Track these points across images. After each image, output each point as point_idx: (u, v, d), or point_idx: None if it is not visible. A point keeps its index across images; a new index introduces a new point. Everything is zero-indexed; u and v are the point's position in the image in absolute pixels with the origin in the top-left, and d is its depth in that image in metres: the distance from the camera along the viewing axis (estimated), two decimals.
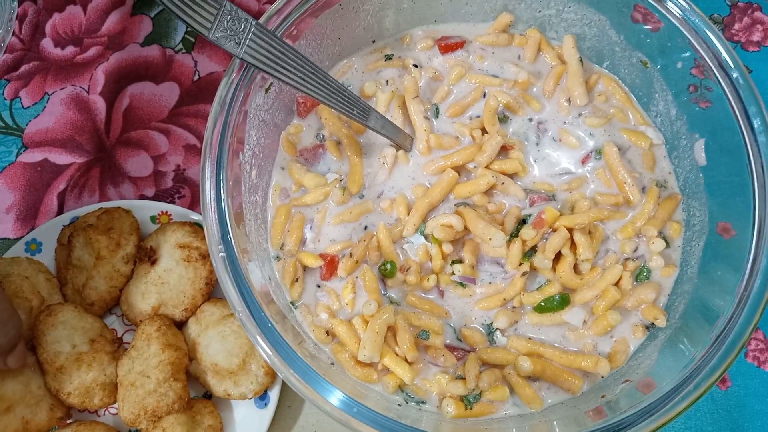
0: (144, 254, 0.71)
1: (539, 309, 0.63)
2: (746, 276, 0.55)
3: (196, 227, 0.72)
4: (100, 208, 0.73)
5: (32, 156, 0.84)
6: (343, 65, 0.72)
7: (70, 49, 0.88)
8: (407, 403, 0.60)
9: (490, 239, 0.61)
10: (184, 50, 0.87)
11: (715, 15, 0.85)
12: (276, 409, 0.68)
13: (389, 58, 0.72)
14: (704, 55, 0.60)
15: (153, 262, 0.71)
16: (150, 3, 0.90)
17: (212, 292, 0.72)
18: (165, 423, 0.64)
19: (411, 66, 0.71)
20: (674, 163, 0.67)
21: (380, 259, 0.65)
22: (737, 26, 0.85)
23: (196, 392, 0.71)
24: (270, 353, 0.53)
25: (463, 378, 0.60)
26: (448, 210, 0.65)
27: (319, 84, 0.59)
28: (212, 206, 0.57)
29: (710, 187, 0.62)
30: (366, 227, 0.66)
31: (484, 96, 0.69)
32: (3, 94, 0.87)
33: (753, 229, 0.56)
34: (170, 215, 0.75)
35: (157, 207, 0.75)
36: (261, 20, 0.60)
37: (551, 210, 0.62)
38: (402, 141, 0.67)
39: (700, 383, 0.52)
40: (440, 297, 0.65)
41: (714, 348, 0.53)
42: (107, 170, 0.82)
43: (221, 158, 0.58)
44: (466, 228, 0.63)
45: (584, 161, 0.67)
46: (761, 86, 0.59)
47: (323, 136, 0.70)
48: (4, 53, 0.88)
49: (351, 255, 0.64)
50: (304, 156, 0.69)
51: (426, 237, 0.64)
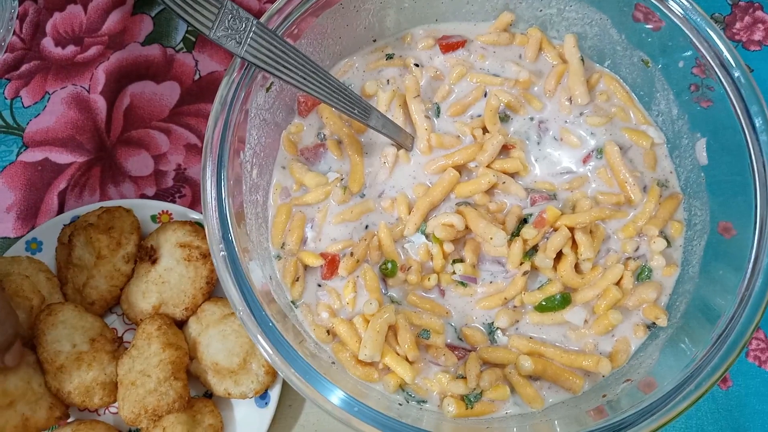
0: (145, 253, 0.71)
1: (540, 308, 0.63)
2: (747, 275, 0.55)
3: (197, 226, 0.72)
4: (101, 208, 0.73)
5: (33, 155, 0.84)
6: (344, 64, 0.72)
7: (71, 49, 0.88)
8: (408, 403, 0.60)
9: (491, 238, 0.61)
10: (185, 49, 0.87)
11: (716, 14, 0.85)
12: (276, 409, 0.68)
13: (390, 58, 0.72)
14: (706, 54, 0.60)
15: (154, 262, 0.71)
16: (151, 2, 0.90)
17: (213, 292, 0.72)
18: (165, 422, 0.64)
19: (412, 65, 0.71)
20: (675, 163, 0.67)
21: (381, 259, 0.65)
22: (738, 25, 0.85)
23: (197, 391, 0.71)
24: (271, 352, 0.53)
25: (464, 377, 0.60)
26: (449, 209, 0.65)
27: (320, 83, 0.59)
28: (213, 205, 0.57)
29: (711, 187, 0.62)
30: (367, 226, 0.66)
31: (485, 95, 0.69)
32: (3, 94, 0.87)
33: (754, 229, 0.56)
34: (171, 214, 0.75)
35: (158, 206, 0.75)
36: (262, 19, 0.60)
37: (552, 209, 0.62)
38: (403, 140, 0.67)
39: (702, 383, 0.52)
40: (441, 296, 0.64)
41: (715, 347, 0.53)
42: (108, 169, 0.82)
43: (222, 157, 0.58)
44: (467, 227, 0.63)
45: (585, 160, 0.67)
46: (762, 85, 0.58)
47: (324, 136, 0.70)
48: (5, 52, 0.88)
49: (352, 254, 0.64)
50: (305, 155, 0.69)
51: (427, 236, 0.64)
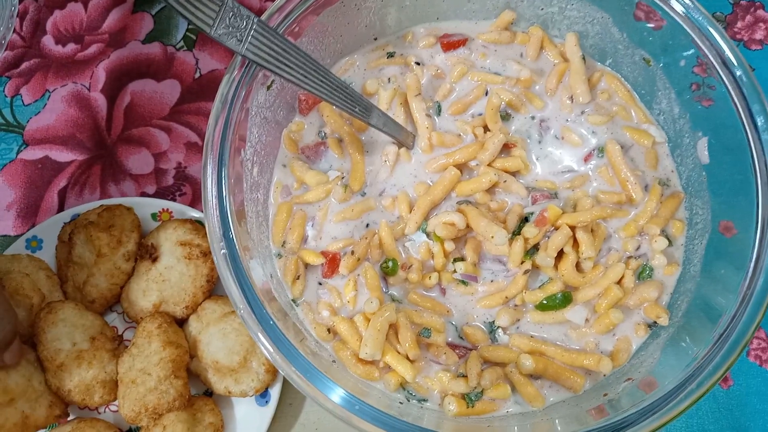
0: (145, 251, 0.71)
1: (541, 307, 0.62)
2: (749, 275, 0.54)
3: (197, 225, 0.72)
4: (101, 206, 0.73)
5: (33, 153, 0.84)
6: (345, 63, 0.72)
7: (71, 47, 0.88)
8: (409, 401, 0.60)
9: (492, 237, 0.61)
10: (186, 48, 0.87)
11: (718, 13, 0.85)
12: (277, 407, 0.68)
13: (391, 56, 0.72)
14: (707, 53, 0.59)
15: (154, 260, 0.71)
16: (151, 0, 0.90)
17: (213, 290, 0.71)
18: (166, 420, 0.64)
19: (413, 63, 0.71)
20: (677, 161, 0.67)
21: (382, 257, 0.65)
22: (740, 24, 0.85)
23: (197, 390, 0.71)
24: (271, 350, 0.53)
25: (465, 376, 0.60)
26: (450, 208, 0.65)
27: (321, 81, 0.59)
28: (214, 203, 0.57)
29: (713, 186, 0.62)
30: (368, 225, 0.66)
31: (487, 94, 0.69)
32: (4, 91, 0.87)
33: (756, 228, 0.55)
34: (171, 213, 0.75)
35: (158, 204, 0.75)
36: (263, 17, 0.60)
37: (553, 208, 0.62)
38: (404, 139, 0.67)
39: (703, 382, 0.52)
40: (442, 295, 0.64)
41: (716, 347, 0.53)
42: (108, 167, 0.82)
43: (223, 156, 0.58)
44: (468, 226, 0.63)
45: (587, 159, 0.67)
46: (764, 84, 0.58)
47: (325, 134, 0.69)
48: (5, 50, 0.88)
49: (353, 253, 0.63)
50: (306, 153, 0.69)
51: (428, 235, 0.64)
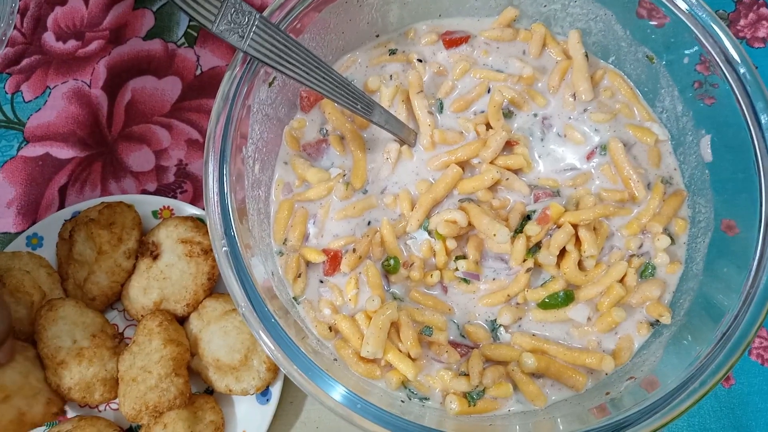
0: (146, 249, 0.71)
1: (543, 305, 0.62)
2: (752, 274, 0.54)
3: (198, 222, 0.72)
4: (102, 203, 0.73)
5: (33, 150, 0.83)
6: (347, 59, 0.72)
7: (72, 43, 0.88)
8: (410, 400, 0.60)
9: (495, 235, 0.61)
10: (187, 44, 0.87)
11: (721, 11, 0.85)
12: (278, 405, 0.68)
13: (393, 53, 0.71)
14: (711, 51, 0.59)
15: (155, 257, 0.70)
16: None
17: (214, 288, 0.71)
18: (166, 418, 0.64)
19: (415, 61, 0.70)
20: (680, 160, 0.67)
21: (383, 255, 0.65)
22: (743, 22, 0.84)
23: (198, 388, 0.71)
24: (273, 348, 0.53)
25: (467, 374, 0.60)
26: (452, 206, 0.65)
27: (323, 78, 0.59)
28: (215, 201, 0.57)
29: (716, 184, 0.62)
30: (369, 223, 0.65)
31: (489, 91, 0.69)
32: (4, 88, 0.86)
33: (759, 227, 0.55)
34: (172, 210, 0.75)
35: (159, 202, 0.75)
36: (265, 13, 0.60)
37: (556, 206, 0.62)
38: (406, 136, 0.67)
39: (705, 381, 0.52)
40: (444, 293, 0.64)
41: (719, 346, 0.53)
42: (109, 165, 0.82)
43: (224, 153, 0.58)
44: (470, 224, 0.63)
45: (589, 157, 0.67)
46: (767, 82, 0.58)
47: (326, 131, 0.69)
48: (6, 47, 0.87)
49: (354, 250, 0.63)
50: (308, 151, 0.69)
51: (430, 233, 0.64)
